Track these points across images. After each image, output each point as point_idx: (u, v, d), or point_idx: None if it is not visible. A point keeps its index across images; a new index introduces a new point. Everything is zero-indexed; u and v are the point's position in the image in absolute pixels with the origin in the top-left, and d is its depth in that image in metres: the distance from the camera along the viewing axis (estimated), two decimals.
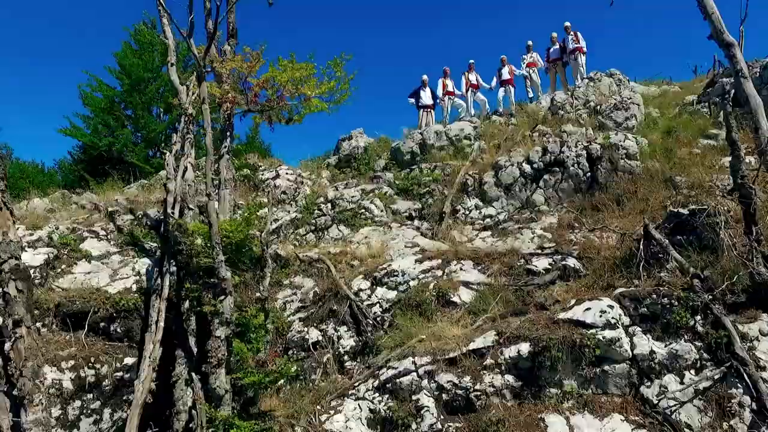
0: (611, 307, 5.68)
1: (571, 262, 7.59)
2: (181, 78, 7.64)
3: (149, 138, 22.14)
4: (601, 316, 5.57)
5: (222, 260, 5.72)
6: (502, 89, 15.17)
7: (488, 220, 10.35)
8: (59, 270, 7.85)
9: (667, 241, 6.49)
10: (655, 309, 5.51)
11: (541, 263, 7.86)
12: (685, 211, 6.72)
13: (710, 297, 5.26)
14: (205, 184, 6.15)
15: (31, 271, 7.39)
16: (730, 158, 5.66)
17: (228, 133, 7.38)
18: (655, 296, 5.55)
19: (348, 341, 7.62)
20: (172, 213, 6.77)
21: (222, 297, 5.72)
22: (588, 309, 5.74)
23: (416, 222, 10.88)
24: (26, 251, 7.62)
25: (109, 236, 8.78)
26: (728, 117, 5.54)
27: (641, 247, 6.47)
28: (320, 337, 7.72)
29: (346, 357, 7.50)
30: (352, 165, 13.50)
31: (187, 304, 6.52)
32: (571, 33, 14.82)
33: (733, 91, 9.73)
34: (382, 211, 11.07)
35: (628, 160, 10.06)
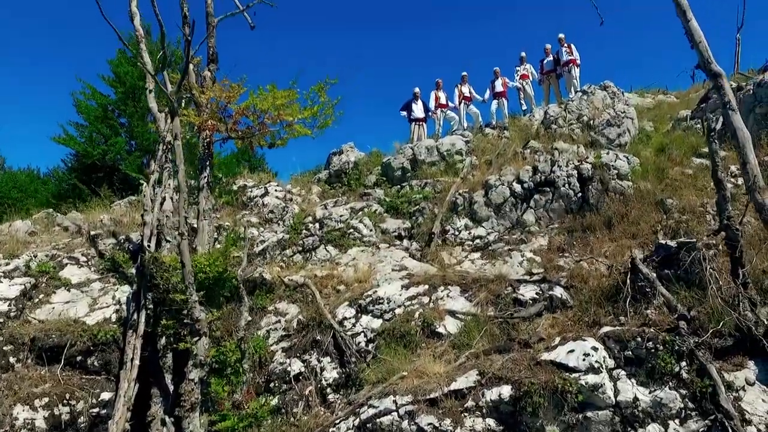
0: (595, 349, 5.53)
1: (558, 292, 7.44)
2: (160, 105, 7.47)
3: (143, 146, 22.02)
4: (584, 359, 5.41)
5: (196, 301, 5.58)
6: (495, 102, 14.98)
7: (478, 241, 10.19)
8: (36, 300, 7.71)
9: (654, 275, 6.34)
10: (639, 353, 5.35)
11: (528, 292, 7.71)
12: (673, 244, 6.56)
13: (696, 342, 5.10)
14: (178, 223, 6.01)
15: (6, 304, 7.30)
16: (716, 197, 5.51)
17: (207, 162, 7.22)
18: (640, 339, 5.40)
19: (331, 373, 7.46)
20: (149, 246, 6.62)
21: (196, 338, 5.56)
22: (571, 351, 5.59)
23: (405, 242, 10.72)
24: (1, 282, 7.49)
25: (90, 262, 8.64)
26: (714, 155, 5.39)
27: (628, 281, 6.31)
28: (303, 369, 7.56)
29: (329, 389, 7.33)
30: (343, 180, 13.33)
31: (163, 340, 6.36)
32: (565, 45, 14.66)
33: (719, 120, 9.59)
34: (371, 230, 10.91)
35: (619, 180, 9.90)
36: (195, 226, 7.90)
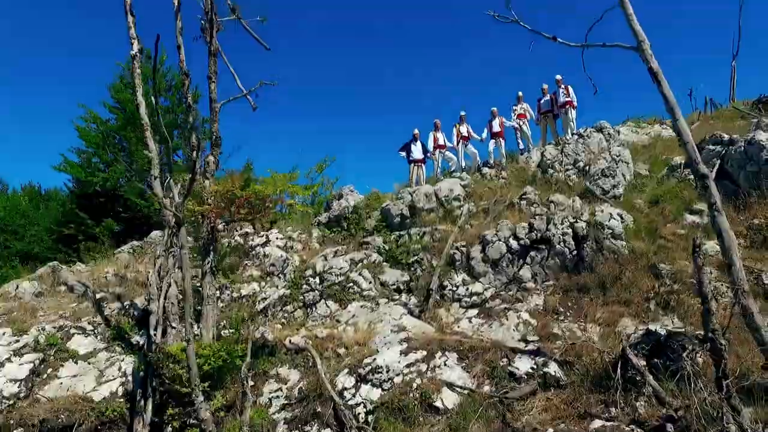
0: None
1: (552, 369, 7.64)
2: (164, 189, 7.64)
3: (143, 172, 22.23)
4: None
5: (201, 401, 5.79)
6: (492, 141, 15.24)
7: (475, 297, 10.39)
8: (45, 375, 7.92)
9: (644, 363, 6.56)
10: None
11: (523, 365, 7.92)
12: (662, 332, 6.78)
13: None
14: (185, 329, 6.22)
15: (16, 385, 7.51)
16: (702, 309, 5.72)
17: (211, 247, 7.42)
18: None
19: None
20: (155, 335, 6.83)
21: None
22: None
23: (404, 296, 10.94)
24: (11, 362, 7.71)
25: (96, 330, 8.85)
26: (699, 271, 5.60)
27: (619, 370, 6.52)
28: None
29: None
30: (342, 225, 13.54)
31: (170, 428, 6.58)
32: (562, 86, 14.89)
33: (713, 170, 9.78)
34: (370, 283, 11.13)
35: (613, 239, 10.11)
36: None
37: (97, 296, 9.49)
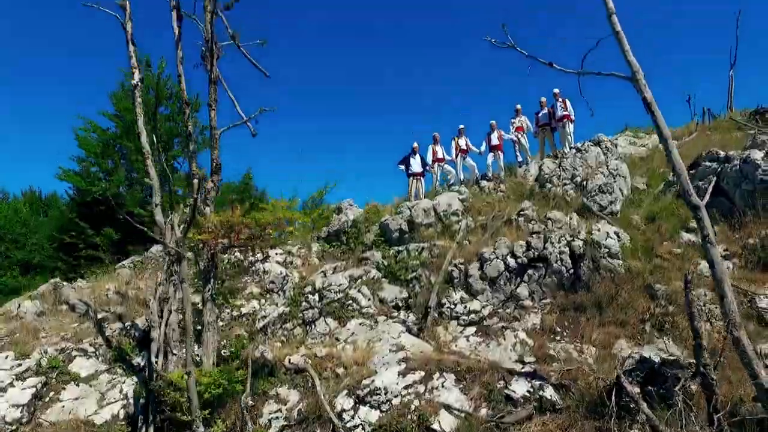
0: None
1: (548, 393, 7.73)
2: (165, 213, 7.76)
3: (143, 181, 22.36)
4: None
5: (202, 431, 5.88)
6: (491, 154, 15.36)
7: (473, 315, 10.48)
8: (47, 399, 8.00)
9: (638, 391, 6.64)
10: None
11: (519, 388, 8.00)
12: (656, 359, 6.87)
13: None
14: (186, 361, 6.32)
15: (19, 410, 7.60)
16: (693, 343, 5.81)
17: (211, 274, 7.52)
18: None
19: None
20: (156, 362, 6.92)
21: None
22: None
23: (402, 314, 11.03)
24: (14, 386, 7.79)
25: (97, 351, 8.94)
26: (690, 305, 5.69)
27: (614, 398, 6.61)
28: None
29: None
30: (342, 239, 13.63)
31: None
32: (560, 100, 14.99)
33: (707, 191, 9.84)
34: (369, 300, 11.23)
35: (609, 258, 10.20)
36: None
37: (99, 316, 9.59)
